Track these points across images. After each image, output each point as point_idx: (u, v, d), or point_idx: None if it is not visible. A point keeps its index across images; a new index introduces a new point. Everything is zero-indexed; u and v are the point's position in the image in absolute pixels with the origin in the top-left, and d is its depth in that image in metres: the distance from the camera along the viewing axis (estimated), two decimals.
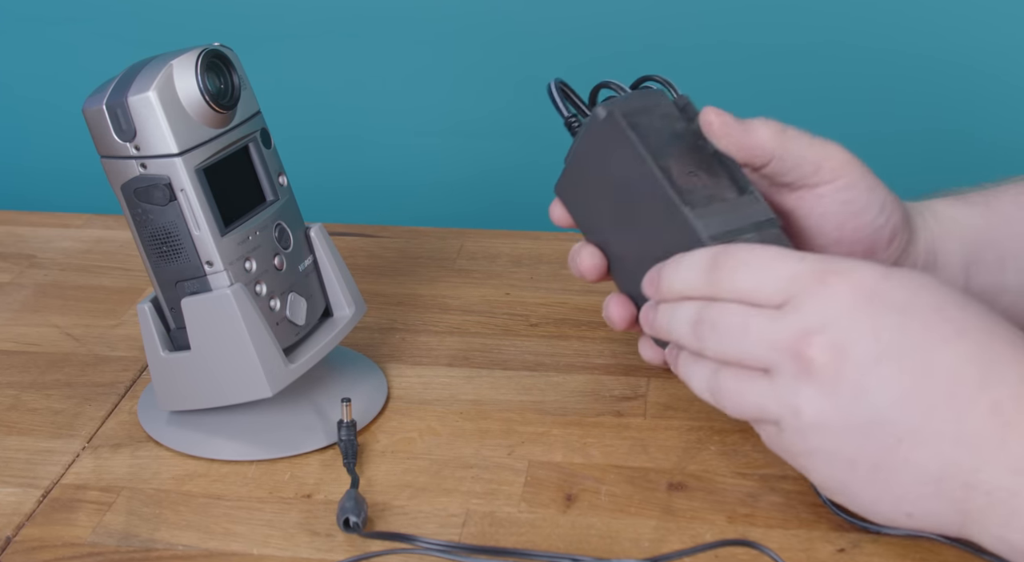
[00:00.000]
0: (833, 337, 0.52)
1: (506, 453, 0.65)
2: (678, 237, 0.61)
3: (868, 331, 0.52)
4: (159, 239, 0.63)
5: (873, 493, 0.52)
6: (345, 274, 0.70)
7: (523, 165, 1.07)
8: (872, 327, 0.52)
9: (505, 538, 0.59)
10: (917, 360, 0.51)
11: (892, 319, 0.52)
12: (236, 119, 0.64)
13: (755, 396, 0.54)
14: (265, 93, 0.69)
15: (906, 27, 1.02)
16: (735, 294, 0.55)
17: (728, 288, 0.55)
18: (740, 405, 0.55)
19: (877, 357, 0.51)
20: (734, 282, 0.55)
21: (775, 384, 0.53)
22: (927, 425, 0.51)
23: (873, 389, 0.51)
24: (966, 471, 0.50)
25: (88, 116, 0.62)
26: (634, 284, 0.68)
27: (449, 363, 0.74)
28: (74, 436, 0.68)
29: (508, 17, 1.03)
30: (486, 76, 1.05)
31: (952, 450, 0.50)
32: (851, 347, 0.52)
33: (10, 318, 0.81)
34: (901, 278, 0.53)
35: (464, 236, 0.92)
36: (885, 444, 0.51)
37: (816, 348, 0.52)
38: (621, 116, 0.63)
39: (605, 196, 0.65)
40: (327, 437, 0.66)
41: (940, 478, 0.51)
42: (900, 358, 0.51)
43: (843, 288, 0.53)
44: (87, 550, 0.59)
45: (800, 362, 0.52)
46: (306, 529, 0.60)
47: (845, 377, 0.51)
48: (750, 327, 0.54)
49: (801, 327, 0.52)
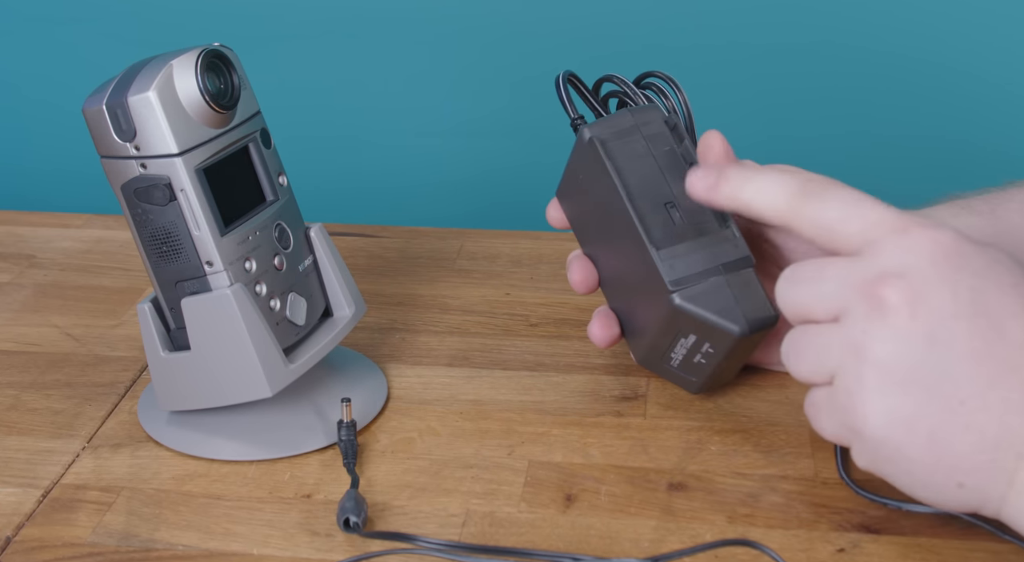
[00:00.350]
0: (912, 282, 0.51)
1: (506, 453, 0.65)
2: (648, 273, 0.62)
3: (948, 285, 0.51)
4: (159, 239, 0.63)
5: (929, 460, 0.51)
6: (345, 274, 0.70)
7: (523, 165, 1.07)
8: (952, 282, 0.51)
9: (505, 538, 0.59)
10: (991, 324, 0.51)
11: (971, 280, 0.51)
12: (236, 119, 0.64)
13: (820, 338, 0.53)
14: (265, 93, 0.69)
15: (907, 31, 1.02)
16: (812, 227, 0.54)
17: (809, 218, 0.54)
18: (802, 352, 0.54)
19: (954, 312, 0.51)
20: (817, 214, 0.54)
21: (843, 325, 0.52)
22: (992, 390, 0.50)
23: (946, 341, 0.50)
24: (1021, 441, 0.50)
25: (88, 116, 0.62)
26: (618, 303, 0.68)
27: (449, 363, 0.74)
28: (74, 436, 0.68)
29: (508, 17, 1.03)
30: (486, 76, 1.05)
31: (1014, 419, 0.50)
32: (929, 296, 0.51)
33: (10, 318, 0.81)
34: (982, 247, 0.53)
35: (464, 236, 0.92)
36: (948, 404, 0.50)
37: (892, 289, 0.51)
38: (600, 143, 0.64)
39: (591, 213, 0.66)
40: (327, 437, 0.66)
41: (997, 445, 0.50)
42: (974, 318, 0.51)
43: (926, 240, 0.52)
44: (87, 550, 0.59)
45: (873, 301, 0.51)
46: (306, 529, 0.60)
47: (919, 323, 0.51)
48: (826, 268, 0.53)
49: (879, 269, 0.52)
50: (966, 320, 0.51)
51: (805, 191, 0.56)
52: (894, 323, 0.51)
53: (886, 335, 0.51)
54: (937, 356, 0.51)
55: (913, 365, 0.51)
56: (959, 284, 0.51)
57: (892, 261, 0.52)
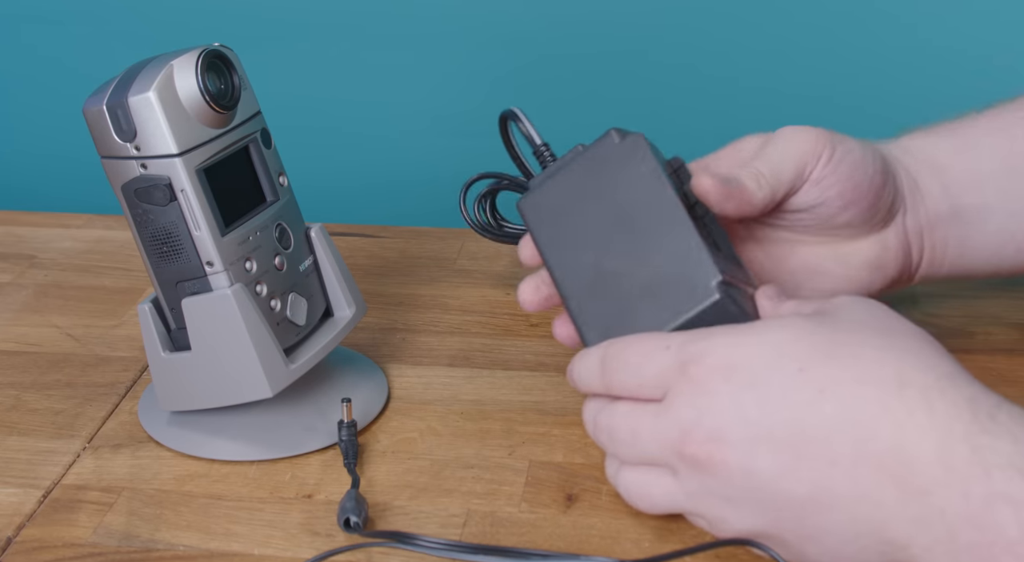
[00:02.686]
0: (708, 429, 0.52)
1: (507, 453, 0.65)
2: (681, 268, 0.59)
3: (734, 414, 0.51)
4: (159, 239, 0.63)
5: (815, 556, 0.52)
6: (345, 274, 0.70)
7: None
8: (736, 409, 0.51)
9: (506, 538, 0.59)
10: (787, 431, 0.51)
11: (750, 395, 0.51)
12: (236, 119, 0.64)
13: (666, 493, 0.54)
14: (265, 93, 0.69)
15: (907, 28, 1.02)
16: (624, 392, 0.55)
17: (618, 387, 0.56)
18: (654, 502, 0.55)
19: (752, 438, 0.51)
20: (621, 382, 0.55)
21: (681, 480, 0.53)
22: (823, 490, 0.50)
23: (761, 470, 0.51)
24: (877, 527, 0.49)
25: (88, 116, 0.62)
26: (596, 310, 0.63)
27: (450, 363, 0.74)
28: (75, 436, 0.68)
29: (512, 16, 1.03)
30: (487, 75, 1.05)
31: (857, 507, 0.50)
32: (726, 434, 0.52)
33: (10, 318, 0.81)
34: (755, 344, 0.53)
35: (464, 236, 0.92)
36: (796, 516, 0.51)
37: (696, 445, 0.52)
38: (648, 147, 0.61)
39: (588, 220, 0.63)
40: (328, 437, 0.66)
41: (857, 535, 0.50)
42: (771, 434, 0.51)
43: (701, 374, 0.52)
44: (88, 550, 0.59)
45: (689, 460, 0.52)
46: (307, 529, 0.60)
47: (732, 466, 0.51)
48: (639, 431, 0.54)
49: (679, 425, 0.53)
50: (765, 440, 0.51)
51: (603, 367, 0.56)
52: (715, 473, 0.52)
53: (718, 485, 0.52)
54: (762, 484, 0.51)
55: (753, 500, 0.51)
56: (743, 407, 0.51)
57: (685, 411, 0.52)
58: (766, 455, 0.51)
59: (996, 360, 0.73)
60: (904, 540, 0.49)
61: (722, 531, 0.53)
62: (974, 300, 0.80)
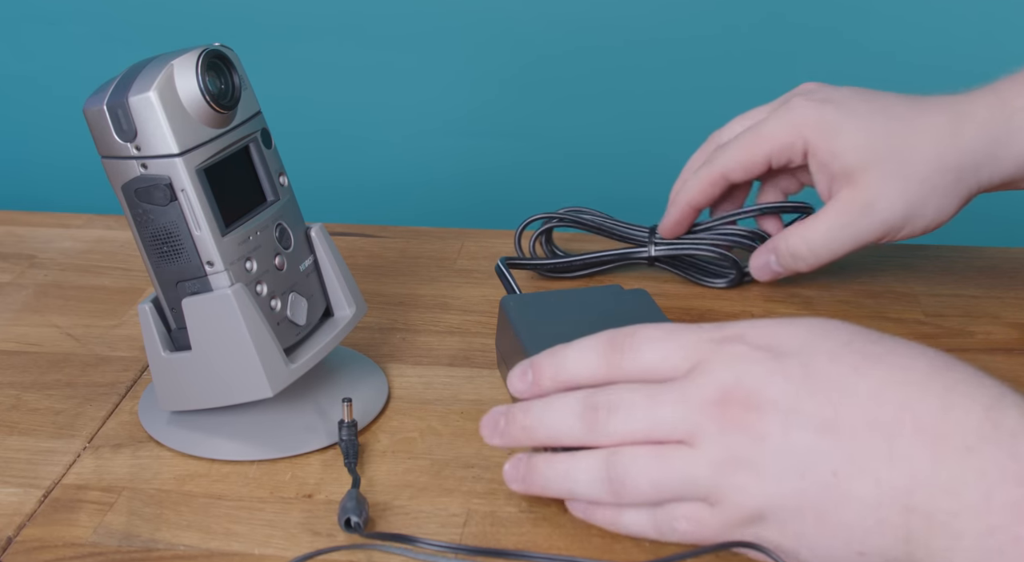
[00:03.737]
0: (748, 387, 0.52)
1: (507, 453, 0.65)
2: None
3: (778, 375, 0.52)
4: (160, 239, 0.63)
5: (826, 540, 0.51)
6: (346, 274, 0.70)
7: (524, 165, 1.07)
8: (781, 371, 0.52)
9: (506, 538, 0.59)
10: (833, 391, 0.51)
11: (795, 360, 0.52)
12: (237, 119, 0.64)
13: (683, 466, 0.53)
14: (266, 93, 0.69)
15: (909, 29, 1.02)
16: (637, 372, 0.55)
17: (630, 367, 0.55)
18: (662, 479, 0.54)
19: (793, 400, 0.51)
20: (638, 360, 0.55)
21: (702, 449, 0.53)
22: (858, 450, 0.50)
23: (798, 425, 0.51)
24: (902, 493, 0.49)
25: (89, 116, 0.62)
26: None
27: (450, 363, 0.74)
28: (75, 436, 0.68)
29: (511, 16, 1.03)
30: (487, 75, 1.05)
31: (887, 472, 0.50)
32: (766, 392, 0.52)
33: (11, 318, 0.81)
34: (794, 328, 0.54)
35: (464, 236, 0.92)
36: (822, 480, 0.51)
37: (734, 404, 0.52)
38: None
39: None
40: (328, 437, 0.66)
41: (879, 504, 0.50)
42: (814, 392, 0.51)
43: (742, 347, 0.53)
44: (88, 550, 0.59)
45: (722, 419, 0.52)
46: (307, 529, 0.60)
47: (769, 427, 0.51)
48: (659, 399, 0.54)
49: (715, 386, 0.53)
50: (808, 395, 0.51)
51: (613, 345, 0.56)
52: (748, 431, 0.52)
53: (747, 444, 0.52)
54: (798, 441, 0.51)
55: (781, 459, 0.51)
56: (787, 370, 0.52)
57: (723, 374, 0.53)
58: (808, 412, 0.51)
59: (996, 360, 0.73)
60: (928, 507, 0.49)
61: (734, 504, 0.52)
62: (974, 300, 0.80)
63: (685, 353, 0.54)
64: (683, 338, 0.55)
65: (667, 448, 0.54)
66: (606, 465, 0.55)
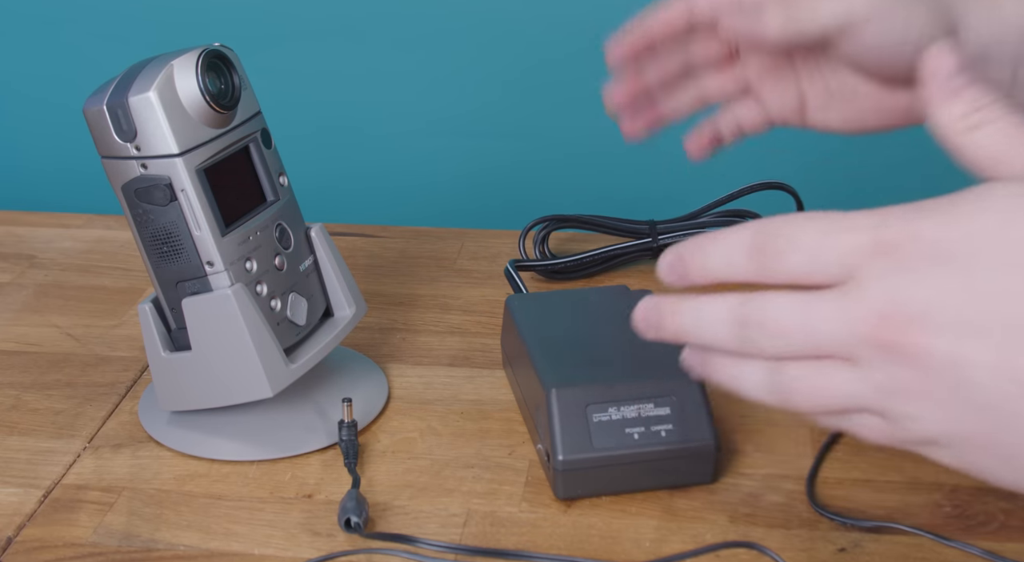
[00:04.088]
0: (910, 312, 0.46)
1: (507, 453, 0.65)
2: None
3: (941, 299, 0.46)
4: (160, 239, 0.63)
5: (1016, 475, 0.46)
6: (346, 274, 0.70)
7: (524, 165, 1.07)
8: (947, 291, 0.46)
9: (506, 538, 0.59)
10: (999, 318, 0.45)
11: (964, 277, 0.46)
12: (236, 119, 0.64)
13: (845, 385, 0.48)
14: (265, 93, 0.69)
15: None
16: (787, 277, 0.49)
17: (779, 271, 0.49)
18: (827, 397, 0.48)
19: (963, 323, 0.45)
20: (785, 265, 0.49)
21: (865, 371, 0.47)
22: None
23: (971, 361, 0.45)
24: None
25: (89, 116, 0.62)
26: None
27: (450, 363, 0.74)
28: (75, 436, 0.68)
29: (510, 15, 1.03)
30: (487, 75, 1.05)
31: None
32: (932, 318, 0.46)
33: (11, 318, 0.81)
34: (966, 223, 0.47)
35: (464, 236, 0.92)
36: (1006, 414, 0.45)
37: (895, 329, 0.46)
38: None
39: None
40: (328, 437, 0.66)
41: None
42: (986, 319, 0.45)
43: (902, 256, 0.46)
44: (88, 550, 0.59)
45: (884, 349, 0.46)
46: (307, 529, 0.60)
47: (937, 355, 0.45)
48: (813, 321, 0.48)
49: (873, 310, 0.46)
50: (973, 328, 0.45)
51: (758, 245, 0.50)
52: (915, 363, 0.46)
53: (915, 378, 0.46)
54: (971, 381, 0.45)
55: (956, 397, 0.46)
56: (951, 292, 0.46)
57: (880, 295, 0.46)
58: (979, 343, 0.45)
59: None
60: None
61: (907, 431, 0.47)
62: None
63: (840, 262, 0.47)
64: (839, 243, 0.48)
65: (830, 365, 0.48)
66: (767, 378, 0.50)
